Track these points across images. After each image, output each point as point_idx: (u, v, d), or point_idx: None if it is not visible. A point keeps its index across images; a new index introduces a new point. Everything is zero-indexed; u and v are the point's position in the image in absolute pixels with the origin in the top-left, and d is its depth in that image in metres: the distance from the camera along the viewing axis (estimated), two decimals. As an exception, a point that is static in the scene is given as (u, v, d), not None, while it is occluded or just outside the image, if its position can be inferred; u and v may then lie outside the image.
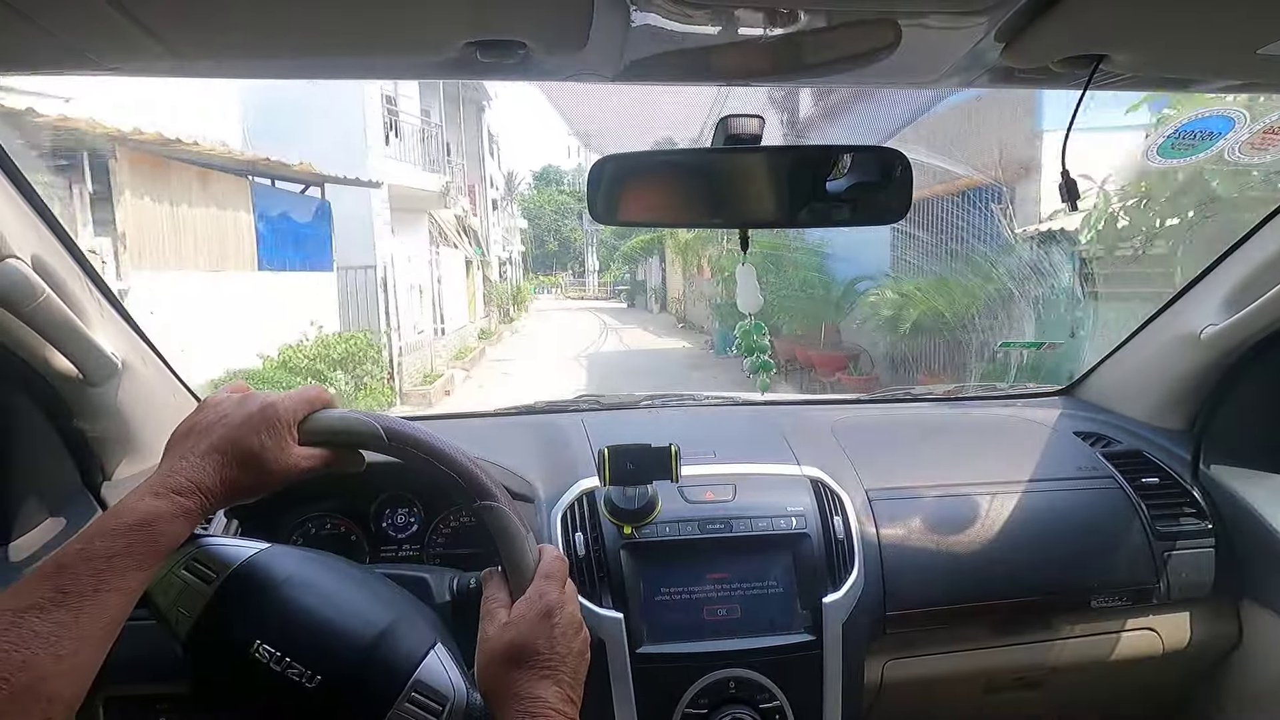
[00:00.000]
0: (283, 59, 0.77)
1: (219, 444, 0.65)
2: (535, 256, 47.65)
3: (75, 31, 0.63)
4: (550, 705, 0.63)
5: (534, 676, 0.64)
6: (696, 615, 1.00)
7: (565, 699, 0.65)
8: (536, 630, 0.66)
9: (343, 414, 0.72)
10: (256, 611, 0.65)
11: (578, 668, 0.68)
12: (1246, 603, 1.20)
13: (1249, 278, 1.18)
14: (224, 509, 0.69)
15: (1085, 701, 1.25)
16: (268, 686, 0.63)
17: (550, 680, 0.65)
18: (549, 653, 0.66)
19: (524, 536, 0.71)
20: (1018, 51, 0.69)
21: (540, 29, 0.65)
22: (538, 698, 0.63)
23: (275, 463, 0.66)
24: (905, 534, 1.12)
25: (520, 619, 0.67)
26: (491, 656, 0.66)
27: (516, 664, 0.65)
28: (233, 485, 0.65)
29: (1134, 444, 1.33)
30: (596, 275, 43.11)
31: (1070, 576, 1.13)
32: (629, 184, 0.91)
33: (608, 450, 1.00)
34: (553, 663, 0.65)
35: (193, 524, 0.63)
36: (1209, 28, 0.66)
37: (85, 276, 0.99)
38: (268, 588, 0.67)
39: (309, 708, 0.63)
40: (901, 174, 0.89)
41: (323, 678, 0.63)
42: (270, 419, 0.67)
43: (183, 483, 0.62)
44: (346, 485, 1.13)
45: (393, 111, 12.35)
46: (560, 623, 0.67)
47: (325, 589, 0.69)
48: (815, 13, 0.64)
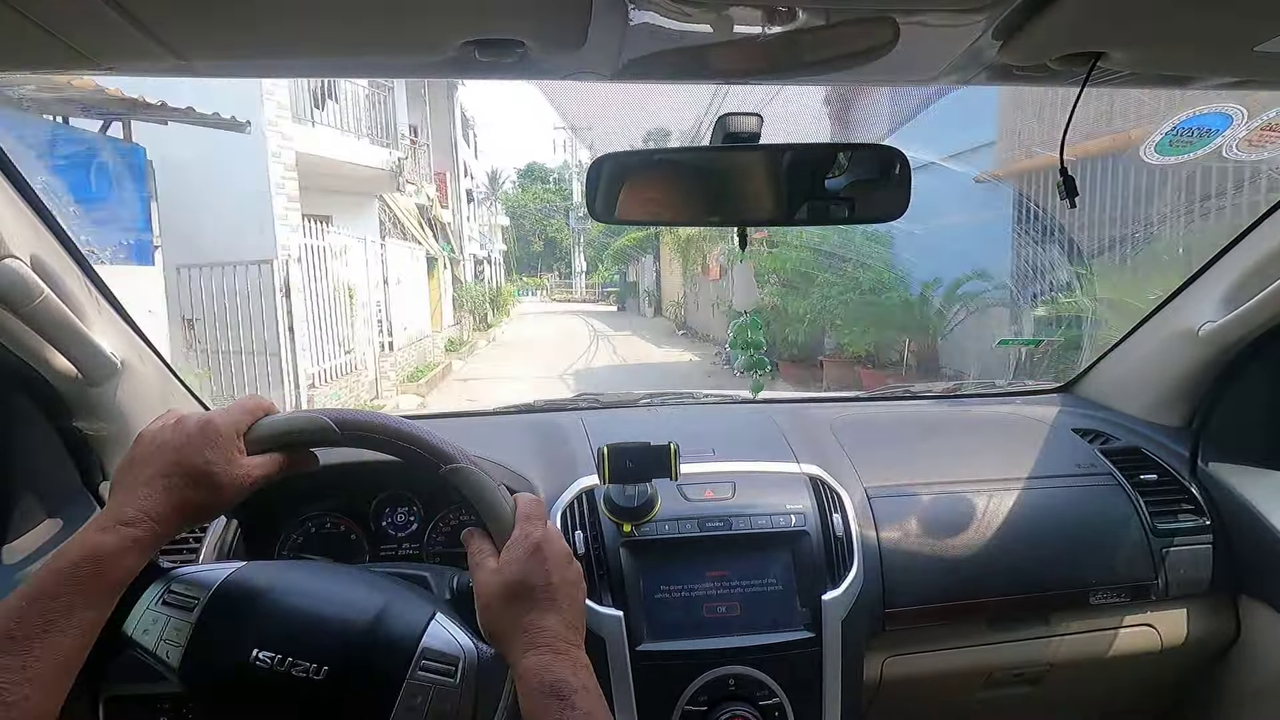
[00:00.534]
0: (282, 59, 0.77)
1: (163, 469, 0.64)
2: (519, 257, 45.63)
3: (74, 31, 0.63)
4: (555, 633, 0.64)
5: (534, 609, 0.65)
6: (696, 613, 1.00)
7: (568, 625, 0.65)
8: (528, 566, 0.67)
9: (288, 416, 0.71)
10: (247, 623, 0.65)
11: (574, 596, 0.68)
12: (1244, 599, 1.20)
13: (1247, 274, 1.18)
14: (195, 526, 0.69)
15: (1084, 698, 1.25)
16: (275, 688, 0.63)
17: (550, 610, 0.65)
18: (544, 585, 0.66)
19: (496, 488, 0.71)
20: (1015, 49, 0.69)
21: (539, 28, 0.65)
22: (542, 628, 0.64)
23: (225, 476, 0.65)
24: (904, 531, 1.12)
25: (510, 560, 0.67)
26: (489, 601, 0.66)
27: (515, 601, 0.65)
28: (184, 507, 0.64)
29: (1132, 441, 1.33)
30: (584, 276, 41.19)
31: (1069, 573, 1.14)
32: (628, 182, 0.91)
33: (607, 448, 1.00)
34: (549, 593, 0.66)
35: (145, 554, 0.62)
36: (1206, 25, 0.66)
37: (84, 276, 0.99)
38: (253, 598, 0.67)
39: (321, 698, 0.64)
40: (900, 172, 0.89)
41: (329, 668, 0.64)
42: (211, 435, 0.66)
43: (128, 514, 0.61)
44: (346, 484, 1.13)
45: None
46: (550, 555, 0.68)
47: (311, 588, 0.70)
48: (813, 11, 0.64)
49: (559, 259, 47.70)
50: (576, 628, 0.66)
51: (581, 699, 0.60)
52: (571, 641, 0.65)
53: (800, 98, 3.53)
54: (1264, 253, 1.15)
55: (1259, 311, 1.16)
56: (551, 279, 46.59)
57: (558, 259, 47.93)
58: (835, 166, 0.90)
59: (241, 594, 0.67)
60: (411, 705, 0.64)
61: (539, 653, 0.62)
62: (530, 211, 46.64)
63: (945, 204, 6.18)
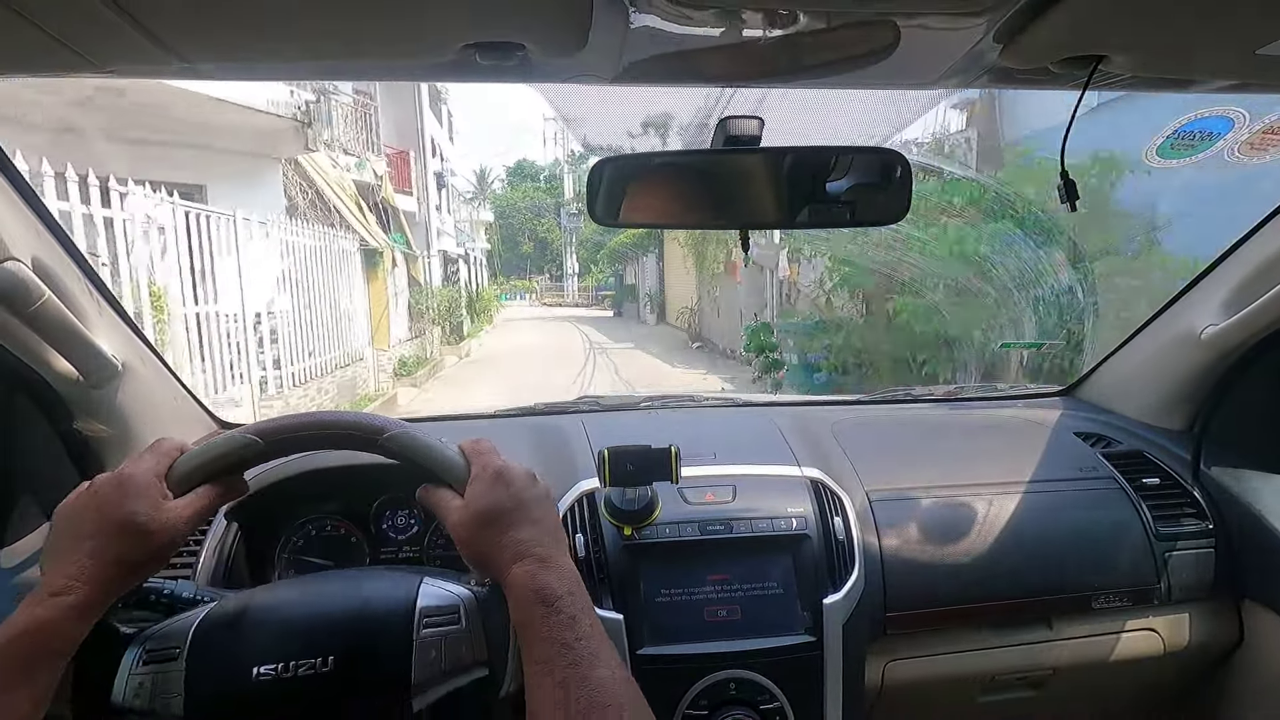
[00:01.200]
0: (282, 61, 0.77)
1: (86, 532, 0.62)
2: (508, 259, 43.29)
3: (75, 34, 0.63)
4: (536, 542, 0.65)
5: (510, 527, 0.66)
6: (697, 616, 1.00)
7: (546, 534, 0.66)
8: (494, 492, 0.67)
9: (204, 445, 0.70)
10: (237, 650, 0.65)
11: (547, 509, 0.69)
12: (1247, 603, 1.20)
13: (1249, 278, 1.18)
14: (141, 581, 0.67)
15: (1086, 702, 1.25)
16: (288, 694, 0.64)
17: (526, 524, 0.66)
18: (515, 504, 0.67)
19: (437, 442, 0.71)
20: (1016, 52, 0.69)
21: (539, 31, 0.65)
22: (521, 540, 0.65)
23: (154, 523, 0.64)
24: (906, 535, 1.12)
25: (477, 492, 0.68)
26: (466, 535, 0.67)
27: (490, 526, 0.66)
28: (120, 563, 0.62)
29: (1135, 444, 1.33)
30: (576, 279, 38.71)
31: (1071, 577, 1.13)
32: (628, 186, 0.91)
33: (608, 451, 1.00)
34: (522, 510, 0.67)
35: (86, 619, 0.60)
36: (1208, 28, 0.66)
37: (85, 278, 0.99)
38: (236, 626, 0.67)
39: (336, 686, 0.64)
40: (901, 175, 0.89)
41: (335, 656, 0.64)
42: (128, 486, 0.64)
43: (58, 583, 0.60)
44: (346, 487, 1.13)
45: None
46: (513, 478, 0.69)
47: (288, 598, 0.70)
48: (814, 14, 0.64)
49: (550, 260, 45.17)
50: (557, 538, 0.67)
51: (567, 603, 0.61)
52: (554, 550, 0.65)
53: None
54: (1266, 256, 1.15)
55: (1261, 315, 1.15)
56: (542, 282, 44.11)
57: (549, 260, 45.52)
58: (836, 169, 0.90)
59: (222, 627, 0.67)
60: (427, 661, 0.65)
61: (523, 564, 0.63)
62: (519, 210, 44.13)
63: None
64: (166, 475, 0.67)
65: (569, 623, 0.60)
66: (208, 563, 1.01)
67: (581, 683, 0.57)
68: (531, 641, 0.60)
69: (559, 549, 0.66)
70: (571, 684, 0.57)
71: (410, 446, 0.70)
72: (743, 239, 0.98)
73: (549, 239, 44.60)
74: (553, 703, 0.56)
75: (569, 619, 0.60)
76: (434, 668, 0.65)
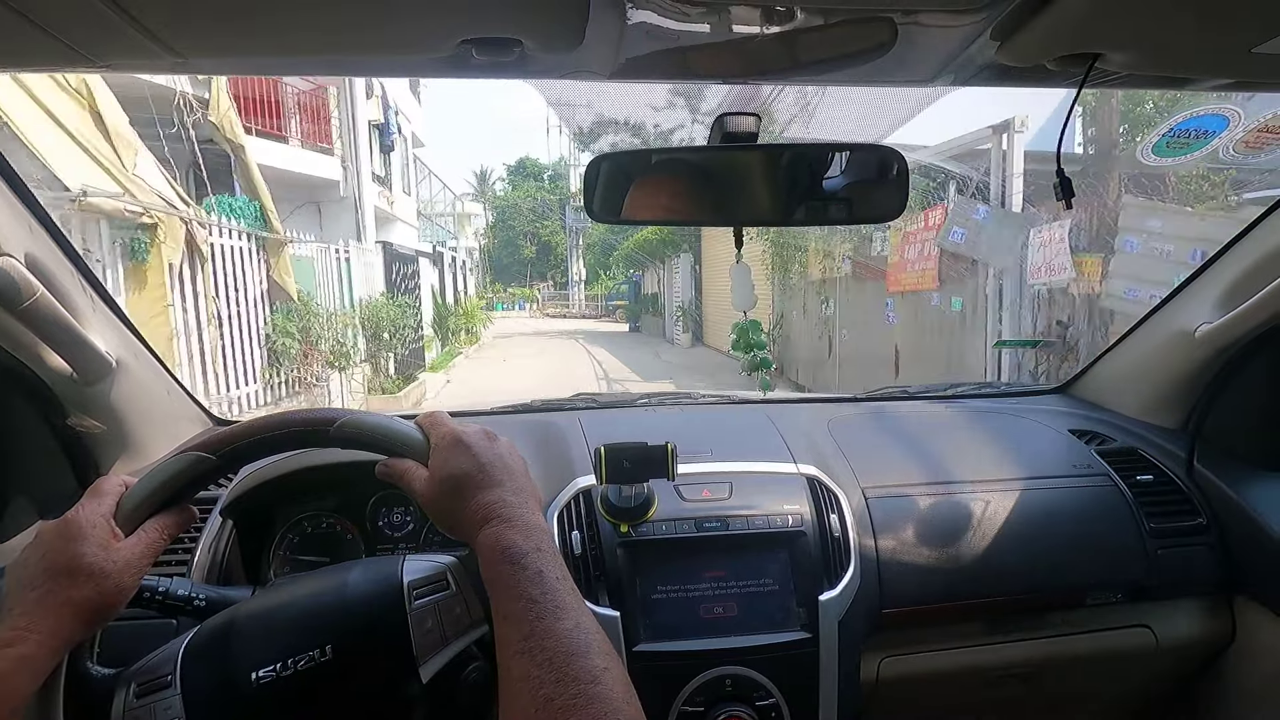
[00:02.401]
0: (278, 57, 0.77)
1: (31, 581, 0.60)
2: (508, 264, 40.26)
3: (71, 29, 0.62)
4: (502, 502, 0.65)
5: (475, 491, 0.66)
6: (693, 613, 1.00)
7: (513, 493, 0.66)
8: (457, 457, 0.67)
9: (149, 474, 0.68)
10: (230, 661, 0.65)
11: (511, 467, 0.69)
12: (1240, 599, 1.20)
13: (1243, 276, 1.18)
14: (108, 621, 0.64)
15: (1080, 698, 1.25)
16: (291, 691, 0.63)
17: (490, 486, 0.66)
18: (477, 467, 0.67)
19: (391, 420, 0.71)
20: (1013, 50, 0.69)
21: (536, 28, 0.65)
22: (487, 504, 0.65)
23: (106, 564, 0.62)
24: (901, 532, 1.12)
25: (439, 462, 0.68)
26: (437, 505, 0.67)
27: (458, 491, 0.66)
28: (72, 607, 0.60)
29: (1129, 442, 1.34)
30: (583, 286, 35.04)
31: (1065, 573, 1.14)
32: (624, 183, 0.91)
33: (604, 448, 1.00)
34: (485, 472, 0.67)
35: (39, 668, 0.58)
36: (1204, 26, 0.66)
37: (79, 275, 0.99)
38: (224, 639, 0.66)
39: (339, 672, 0.64)
40: (898, 172, 0.90)
41: (332, 644, 0.64)
42: (74, 531, 0.62)
43: (5, 636, 0.57)
44: (342, 484, 1.13)
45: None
46: (473, 442, 0.69)
47: (271, 602, 0.70)
48: (811, 11, 0.64)
49: (554, 265, 41.42)
50: (522, 494, 0.67)
51: (533, 559, 0.61)
52: (521, 508, 0.65)
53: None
54: (1260, 254, 1.16)
55: (1255, 313, 1.16)
56: (545, 289, 40.29)
57: (552, 266, 41.79)
58: (833, 166, 0.90)
59: (210, 643, 0.67)
60: (426, 629, 0.65)
61: (491, 526, 0.63)
62: (521, 213, 40.46)
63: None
64: (115, 513, 0.65)
65: (535, 578, 0.60)
66: (203, 560, 1.01)
67: (546, 634, 0.56)
68: (500, 599, 0.60)
69: (525, 507, 0.66)
70: (536, 635, 0.56)
71: (364, 429, 0.70)
72: (736, 236, 0.98)
73: (552, 242, 41.79)
74: (519, 654, 0.56)
75: (535, 574, 0.60)
76: (434, 635, 0.66)
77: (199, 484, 0.68)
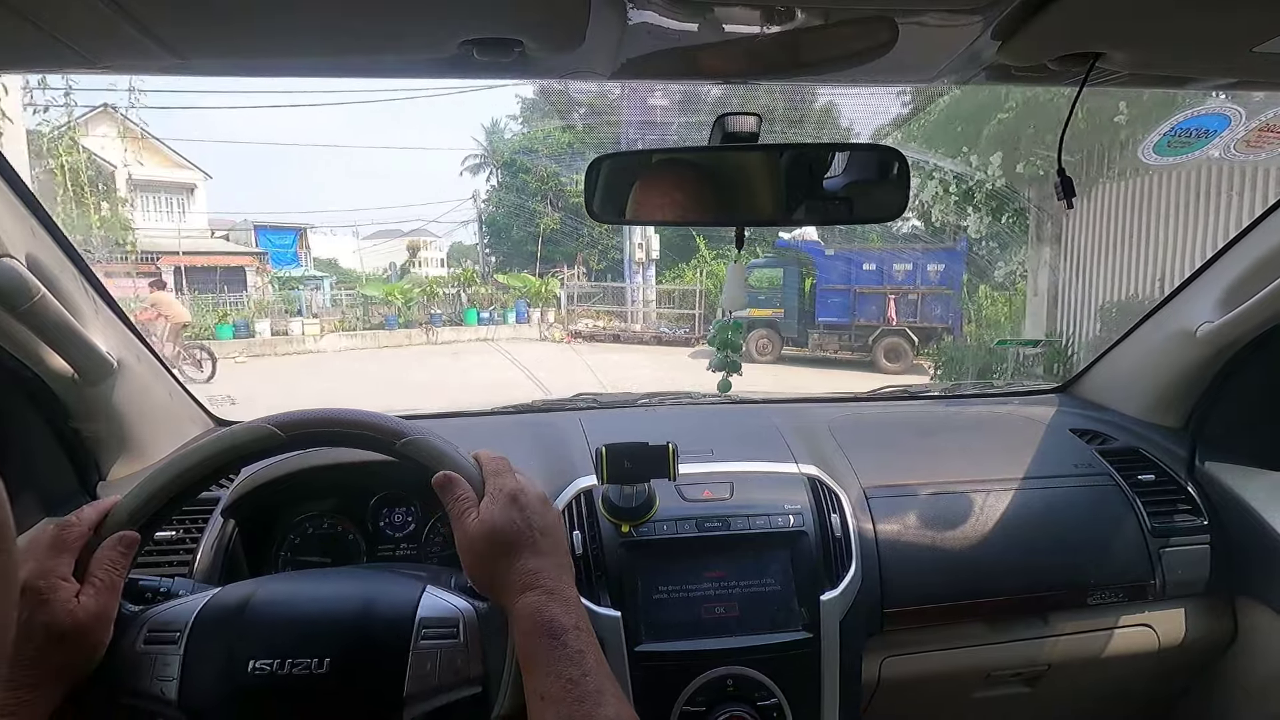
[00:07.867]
0: (279, 58, 0.77)
1: (14, 653, 0.58)
2: (519, 239, 24.15)
3: (71, 31, 0.62)
4: (545, 574, 0.65)
5: (521, 555, 0.66)
6: (694, 613, 1.00)
7: (556, 566, 0.66)
8: (509, 514, 0.68)
9: (216, 437, 0.69)
10: (236, 641, 0.65)
11: (558, 539, 0.70)
12: (1242, 599, 1.20)
13: (1244, 275, 1.18)
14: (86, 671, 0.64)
15: (1082, 697, 1.25)
16: (280, 692, 0.64)
17: (537, 554, 0.66)
18: (527, 530, 0.67)
19: (455, 450, 0.72)
20: (1014, 49, 0.69)
21: (537, 28, 0.65)
22: (531, 570, 0.65)
23: (76, 625, 0.60)
24: (902, 531, 1.12)
25: (491, 512, 0.68)
26: (477, 555, 0.67)
27: (501, 551, 0.66)
28: (59, 673, 0.60)
29: (1130, 441, 1.34)
30: (651, 274, 17.61)
31: (1067, 573, 1.14)
32: (625, 182, 0.91)
33: (605, 449, 1.00)
34: (533, 538, 0.67)
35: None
36: (1205, 26, 0.66)
37: (81, 276, 0.99)
38: (237, 616, 0.67)
39: (329, 689, 0.64)
40: (899, 171, 0.90)
41: (331, 659, 0.64)
42: (36, 600, 0.61)
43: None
44: (344, 485, 1.13)
45: None
46: (528, 502, 0.69)
47: (293, 593, 0.70)
48: (812, 11, 0.64)
49: (590, 244, 22.26)
50: (565, 568, 0.67)
51: (573, 638, 0.61)
52: (562, 582, 0.65)
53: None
54: (1261, 254, 1.15)
55: (1256, 312, 1.16)
56: (573, 281, 20.04)
57: (586, 243, 22.20)
58: (834, 166, 0.90)
59: (224, 615, 0.67)
60: (422, 673, 0.65)
61: (532, 594, 0.63)
62: (539, 163, 23.16)
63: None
64: (100, 528, 0.66)
65: (575, 657, 0.59)
66: (205, 560, 1.01)
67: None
68: (536, 674, 0.60)
69: (566, 580, 0.66)
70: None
71: (428, 452, 0.71)
72: (738, 235, 0.98)
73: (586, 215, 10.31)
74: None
75: (575, 653, 0.60)
76: (428, 680, 0.65)
77: (259, 457, 0.70)
